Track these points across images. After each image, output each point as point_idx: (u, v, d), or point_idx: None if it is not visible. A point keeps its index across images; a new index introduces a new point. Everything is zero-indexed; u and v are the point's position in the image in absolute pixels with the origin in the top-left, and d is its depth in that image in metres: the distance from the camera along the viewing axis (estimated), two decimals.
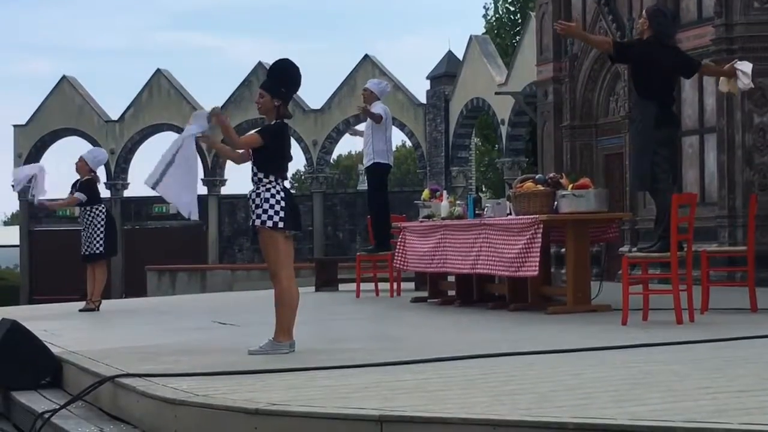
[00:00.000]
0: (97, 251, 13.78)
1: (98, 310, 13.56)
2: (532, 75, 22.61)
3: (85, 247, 13.79)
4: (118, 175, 40.04)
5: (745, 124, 15.92)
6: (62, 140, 41.32)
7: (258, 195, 7.64)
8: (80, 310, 13.62)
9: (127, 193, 40.47)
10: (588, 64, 19.41)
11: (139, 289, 31.16)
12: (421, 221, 13.04)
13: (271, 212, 7.56)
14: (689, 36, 17.04)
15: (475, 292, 12.39)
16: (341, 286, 15.80)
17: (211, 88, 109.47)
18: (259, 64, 39.17)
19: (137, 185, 51.52)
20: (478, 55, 34.52)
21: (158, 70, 40.11)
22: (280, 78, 7.79)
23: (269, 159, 7.64)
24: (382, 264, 14.81)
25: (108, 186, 40.12)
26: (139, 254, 37.28)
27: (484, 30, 40.79)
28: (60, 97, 40.73)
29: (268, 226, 7.57)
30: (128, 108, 40.17)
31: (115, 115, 40.39)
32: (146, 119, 39.87)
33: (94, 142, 40.06)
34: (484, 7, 42.25)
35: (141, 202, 40.27)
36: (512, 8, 41.52)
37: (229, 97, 39.20)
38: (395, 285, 14.46)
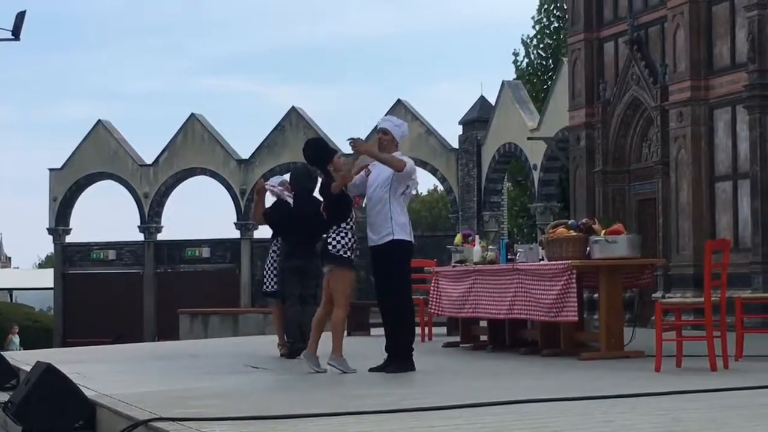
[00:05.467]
0: None
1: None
2: (565, 120, 22.64)
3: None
4: (152, 218, 40.23)
5: None
6: (97, 184, 41.62)
7: None
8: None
9: (160, 237, 40.67)
10: (621, 110, 19.43)
11: (171, 332, 31.21)
12: (454, 266, 13.04)
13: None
14: (722, 82, 17.05)
15: (508, 338, 12.36)
16: (373, 330, 15.80)
17: (245, 133, 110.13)
18: (293, 108, 39.38)
19: (170, 229, 51.58)
20: (511, 101, 34.58)
21: (192, 115, 40.37)
22: None
23: None
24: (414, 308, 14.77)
25: (141, 229, 40.35)
26: (171, 297, 37.38)
27: (515, 76, 40.87)
28: (95, 141, 41.03)
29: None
30: (162, 152, 40.41)
31: (149, 159, 40.65)
32: (180, 163, 40.09)
33: (128, 186, 40.35)
34: (514, 53, 42.36)
35: (174, 245, 40.45)
36: (543, 54, 41.61)
37: (263, 142, 39.39)
38: (426, 330, 14.45)
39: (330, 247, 9.66)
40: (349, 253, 9.68)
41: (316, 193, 10.88)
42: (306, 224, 11.31)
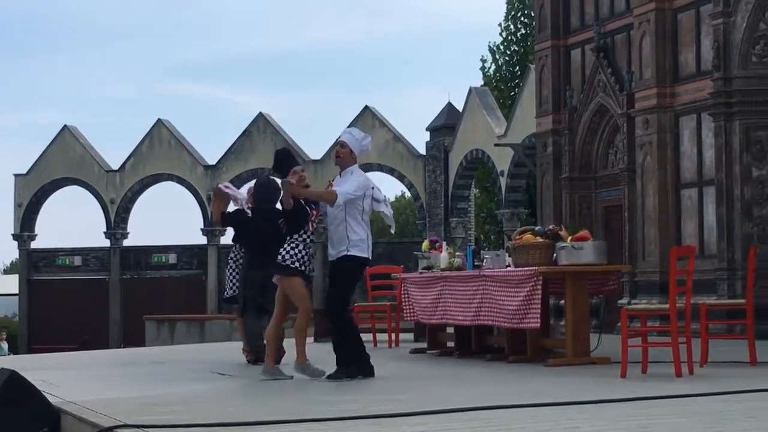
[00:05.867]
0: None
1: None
2: (532, 127, 22.71)
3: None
4: (118, 224, 40.07)
5: (744, 177, 15.98)
6: (63, 189, 41.39)
7: None
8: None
9: (126, 243, 40.50)
10: (587, 117, 19.50)
11: (137, 338, 31.08)
12: (421, 272, 13.05)
13: None
14: (688, 90, 17.14)
15: (474, 344, 12.38)
16: None
17: (211, 139, 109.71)
18: (260, 114, 39.34)
19: (137, 235, 51.24)
20: (478, 107, 34.67)
21: (159, 120, 40.25)
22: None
23: None
24: (381, 315, 14.79)
25: (107, 235, 40.16)
26: (137, 304, 37.25)
27: (482, 83, 40.98)
28: (61, 147, 40.83)
29: None
30: (129, 158, 40.27)
31: (115, 165, 40.48)
32: (146, 169, 39.95)
33: (94, 192, 40.16)
34: (482, 60, 42.44)
35: (140, 251, 40.30)
36: (510, 60, 41.72)
37: (230, 148, 39.32)
38: (394, 336, 14.44)
39: (279, 258, 9.73)
40: (297, 264, 9.67)
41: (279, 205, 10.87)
42: (263, 236, 11.26)
